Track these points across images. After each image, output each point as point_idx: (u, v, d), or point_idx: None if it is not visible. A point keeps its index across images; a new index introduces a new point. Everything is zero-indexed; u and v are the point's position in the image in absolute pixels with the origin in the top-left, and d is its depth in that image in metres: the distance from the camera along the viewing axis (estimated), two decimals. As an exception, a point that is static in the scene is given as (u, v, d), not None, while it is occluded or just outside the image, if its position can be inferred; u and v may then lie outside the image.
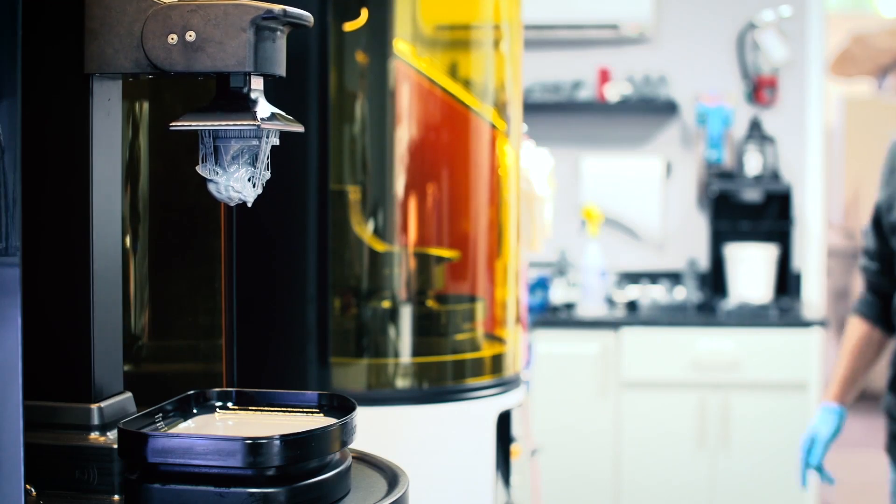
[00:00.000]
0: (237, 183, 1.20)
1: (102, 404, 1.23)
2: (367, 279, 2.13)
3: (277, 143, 1.22)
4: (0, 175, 0.97)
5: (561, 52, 5.17)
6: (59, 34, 1.21)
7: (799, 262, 5.04)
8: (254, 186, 1.21)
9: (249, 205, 1.22)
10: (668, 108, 5.02)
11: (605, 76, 5.09)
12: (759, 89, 5.10)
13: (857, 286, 6.59)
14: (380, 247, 2.13)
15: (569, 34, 5.10)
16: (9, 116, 0.97)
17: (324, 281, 1.95)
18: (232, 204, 1.22)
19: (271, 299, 1.93)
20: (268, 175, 1.22)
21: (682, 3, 5.14)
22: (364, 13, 2.13)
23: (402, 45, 2.18)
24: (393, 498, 1.23)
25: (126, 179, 1.49)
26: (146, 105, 1.55)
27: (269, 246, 1.93)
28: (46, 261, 1.23)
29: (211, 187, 1.21)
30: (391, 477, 1.31)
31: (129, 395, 1.29)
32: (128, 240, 1.50)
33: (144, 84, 1.54)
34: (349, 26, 2.11)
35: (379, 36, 2.15)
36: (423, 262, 2.17)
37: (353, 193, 2.11)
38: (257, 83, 1.20)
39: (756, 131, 5.03)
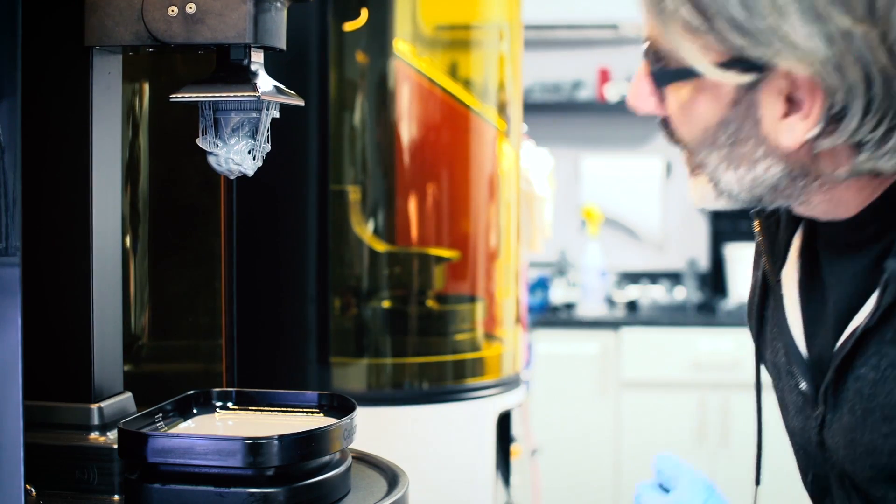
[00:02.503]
0: (237, 155, 1.19)
1: (102, 404, 1.23)
2: (367, 279, 2.12)
3: (277, 116, 1.21)
4: (0, 175, 0.97)
5: (561, 52, 5.17)
6: (60, 6, 1.21)
7: (799, 262, 5.03)
8: (254, 159, 1.21)
9: (250, 175, 1.22)
10: (668, 108, 5.01)
11: (605, 76, 5.09)
12: (759, 89, 5.10)
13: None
14: (380, 247, 2.13)
15: (569, 34, 5.10)
16: (9, 116, 0.97)
17: (324, 281, 1.95)
18: (232, 177, 1.21)
19: (271, 299, 1.93)
20: (268, 147, 1.21)
21: (682, 3, 5.14)
22: (364, 13, 2.13)
23: (402, 45, 2.18)
24: (393, 498, 1.23)
25: (126, 179, 1.49)
26: (146, 104, 1.55)
27: (269, 246, 1.93)
28: (46, 261, 1.23)
29: (211, 160, 1.20)
30: (391, 477, 1.31)
31: (129, 395, 1.29)
32: (128, 240, 1.50)
33: (144, 83, 1.54)
34: (349, 26, 2.11)
35: (379, 36, 2.15)
36: (423, 262, 2.17)
37: (353, 193, 2.11)
38: (257, 56, 1.20)
39: (756, 131, 5.02)
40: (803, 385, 1.12)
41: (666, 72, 1.03)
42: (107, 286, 1.25)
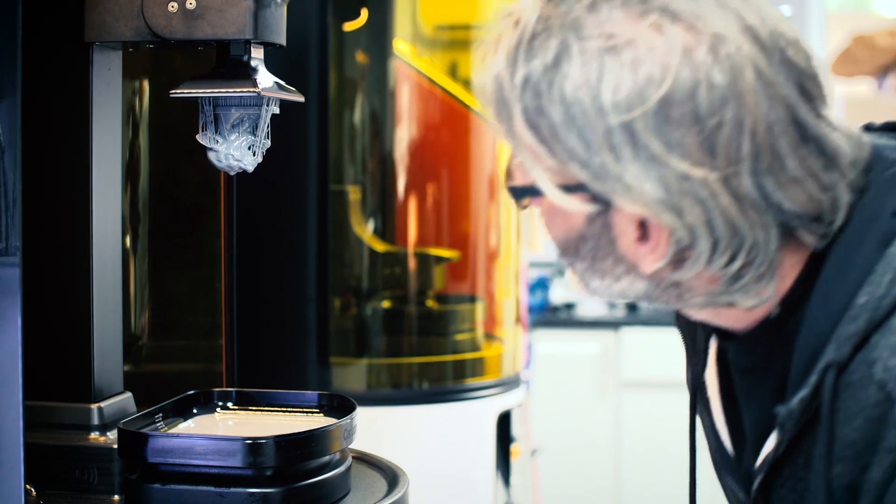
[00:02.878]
0: (237, 151, 1.19)
1: (102, 404, 1.23)
2: (367, 279, 2.13)
3: (277, 112, 1.21)
4: (0, 175, 0.97)
5: (561, 52, 5.17)
6: (60, 3, 1.21)
7: (799, 262, 5.02)
8: (254, 155, 1.21)
9: (250, 171, 1.22)
10: (668, 108, 5.00)
11: (605, 76, 5.08)
12: (759, 89, 5.09)
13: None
14: (380, 247, 2.13)
15: (569, 34, 5.10)
16: (9, 116, 0.97)
17: (324, 281, 1.95)
18: (232, 173, 1.21)
19: (271, 299, 1.93)
20: (268, 143, 1.21)
21: (682, 3, 5.13)
22: (364, 13, 2.13)
23: (402, 45, 2.18)
24: (393, 498, 1.23)
25: (126, 179, 1.49)
26: (146, 104, 1.55)
27: (269, 246, 1.93)
28: (46, 261, 1.23)
29: (211, 156, 1.20)
30: (391, 477, 1.31)
31: (129, 395, 1.29)
32: (128, 240, 1.50)
33: (144, 83, 1.54)
34: (349, 26, 2.11)
35: (379, 36, 2.15)
36: (423, 262, 2.17)
37: (353, 193, 2.11)
38: (257, 52, 1.20)
39: (756, 131, 5.02)
40: (740, 494, 1.11)
41: (516, 189, 1.01)
42: (107, 286, 1.25)
